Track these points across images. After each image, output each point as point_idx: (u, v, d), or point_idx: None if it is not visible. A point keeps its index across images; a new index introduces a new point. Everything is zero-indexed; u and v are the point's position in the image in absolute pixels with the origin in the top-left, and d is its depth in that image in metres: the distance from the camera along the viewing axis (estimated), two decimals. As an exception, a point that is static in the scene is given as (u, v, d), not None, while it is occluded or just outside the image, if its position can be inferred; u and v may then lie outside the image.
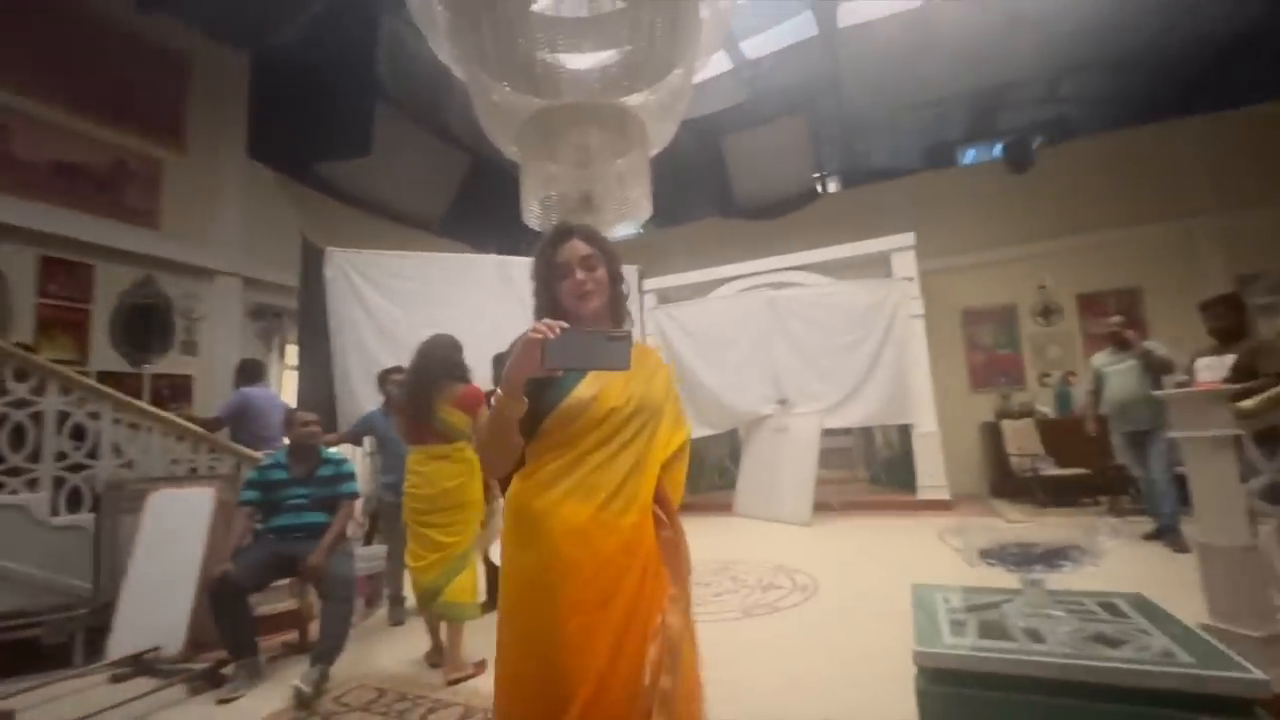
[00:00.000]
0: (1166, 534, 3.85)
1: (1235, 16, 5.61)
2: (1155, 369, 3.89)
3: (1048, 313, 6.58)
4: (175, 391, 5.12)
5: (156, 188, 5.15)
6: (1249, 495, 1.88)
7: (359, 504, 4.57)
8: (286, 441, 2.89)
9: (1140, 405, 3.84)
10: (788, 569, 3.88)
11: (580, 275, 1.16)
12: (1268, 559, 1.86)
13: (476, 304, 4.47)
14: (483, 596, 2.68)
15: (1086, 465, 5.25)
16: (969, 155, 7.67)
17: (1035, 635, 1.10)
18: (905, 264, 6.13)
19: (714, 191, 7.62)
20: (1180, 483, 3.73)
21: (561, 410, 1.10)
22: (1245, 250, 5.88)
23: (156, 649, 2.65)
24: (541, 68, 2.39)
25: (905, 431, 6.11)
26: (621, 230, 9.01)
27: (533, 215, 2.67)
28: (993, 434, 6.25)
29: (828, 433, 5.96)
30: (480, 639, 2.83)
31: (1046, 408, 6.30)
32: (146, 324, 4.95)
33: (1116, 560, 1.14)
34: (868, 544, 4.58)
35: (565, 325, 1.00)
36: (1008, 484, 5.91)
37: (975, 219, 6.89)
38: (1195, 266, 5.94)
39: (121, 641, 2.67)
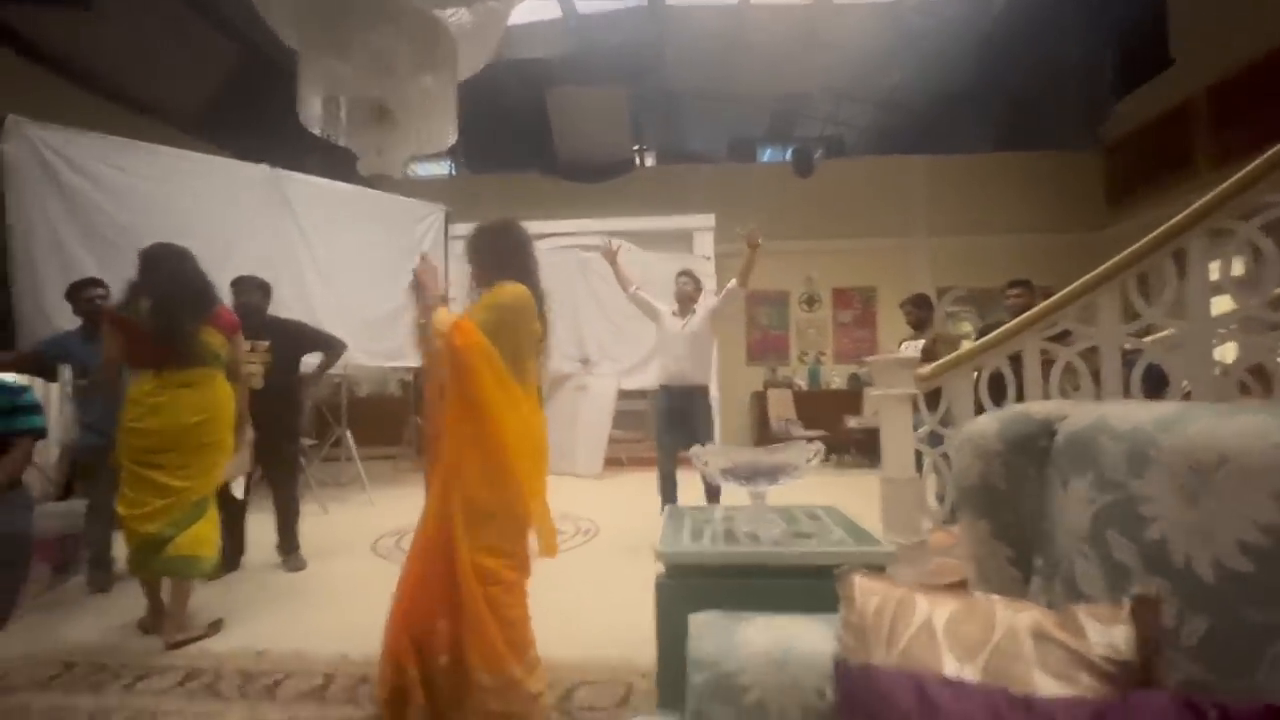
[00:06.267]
0: None
1: (953, 79, 7.12)
2: None
3: (810, 301, 7.75)
4: None
5: None
6: (917, 440, 2.46)
7: (53, 453, 3.61)
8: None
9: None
10: (573, 516, 4.06)
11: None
12: (922, 488, 2.46)
13: (238, 220, 3.76)
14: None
15: (826, 428, 6.35)
16: (766, 154, 8.57)
17: (755, 537, 1.33)
18: (705, 243, 6.69)
19: (535, 145, 7.40)
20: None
21: None
22: (945, 267, 7.56)
23: None
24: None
25: (691, 396, 6.72)
26: (429, 163, 8.33)
27: (314, 117, 2.31)
28: (760, 401, 7.22)
29: (624, 396, 6.30)
30: (215, 598, 2.47)
31: (802, 381, 7.46)
32: None
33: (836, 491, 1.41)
34: (650, 493, 4.98)
35: None
36: (767, 443, 6.91)
37: (765, 212, 7.72)
38: (912, 275, 7.47)
39: None
